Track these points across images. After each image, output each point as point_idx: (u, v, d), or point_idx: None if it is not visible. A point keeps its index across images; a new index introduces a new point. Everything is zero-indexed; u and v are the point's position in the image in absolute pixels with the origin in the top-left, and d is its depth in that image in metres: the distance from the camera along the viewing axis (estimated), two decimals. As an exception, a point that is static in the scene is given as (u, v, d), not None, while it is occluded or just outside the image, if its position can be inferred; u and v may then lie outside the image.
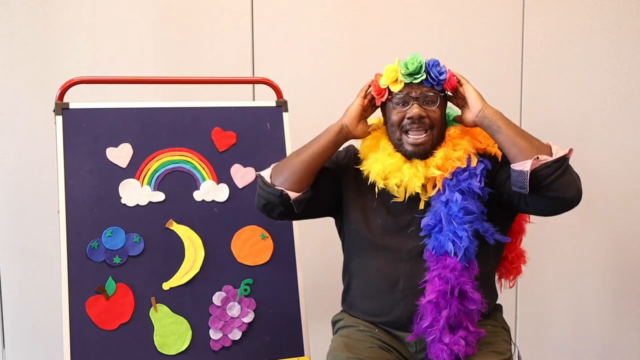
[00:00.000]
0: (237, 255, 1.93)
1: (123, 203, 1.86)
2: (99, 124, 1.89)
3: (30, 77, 2.40)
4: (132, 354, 1.80)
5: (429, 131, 1.69)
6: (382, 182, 1.71)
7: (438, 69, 1.70)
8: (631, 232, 2.76)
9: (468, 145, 1.71)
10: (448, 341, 1.61)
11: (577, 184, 1.60)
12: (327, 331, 1.96)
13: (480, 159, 1.71)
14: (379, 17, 2.57)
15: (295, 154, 1.73)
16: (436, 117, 1.70)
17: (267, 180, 1.71)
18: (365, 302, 1.78)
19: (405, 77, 1.68)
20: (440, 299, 1.62)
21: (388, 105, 1.74)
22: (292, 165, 1.70)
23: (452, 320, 1.62)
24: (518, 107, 2.67)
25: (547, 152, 1.57)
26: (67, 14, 2.41)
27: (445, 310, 1.61)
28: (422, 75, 1.68)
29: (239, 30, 2.51)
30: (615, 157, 2.72)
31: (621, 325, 2.81)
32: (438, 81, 1.69)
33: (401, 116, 1.70)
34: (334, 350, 1.76)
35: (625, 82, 2.69)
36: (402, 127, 1.70)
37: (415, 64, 1.67)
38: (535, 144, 1.59)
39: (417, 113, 1.67)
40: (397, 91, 1.70)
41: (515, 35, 2.65)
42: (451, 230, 1.64)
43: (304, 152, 1.71)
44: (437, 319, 1.62)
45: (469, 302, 1.63)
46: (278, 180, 1.70)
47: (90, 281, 1.80)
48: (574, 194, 1.59)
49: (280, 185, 1.69)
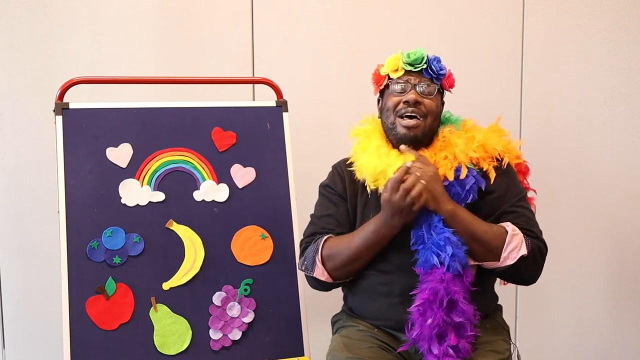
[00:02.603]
0: (237, 255, 1.93)
1: (123, 203, 1.86)
2: (99, 124, 1.89)
3: (30, 77, 2.40)
4: (132, 354, 1.80)
5: (422, 119, 1.71)
6: (373, 184, 1.71)
7: (439, 65, 1.73)
8: (631, 232, 2.76)
9: (461, 154, 1.70)
10: (437, 352, 1.59)
11: (533, 275, 1.69)
12: (327, 331, 1.96)
13: (472, 172, 1.69)
14: (379, 17, 2.57)
15: (349, 253, 1.71)
16: (432, 106, 1.72)
17: (324, 280, 1.75)
18: (364, 306, 1.79)
19: (406, 64, 1.71)
20: (426, 308, 1.61)
21: (386, 92, 1.77)
22: (353, 268, 1.74)
23: (437, 330, 1.59)
24: (518, 107, 2.67)
25: (497, 253, 1.63)
26: (67, 14, 2.40)
27: (430, 319, 1.59)
28: (422, 65, 1.71)
29: (239, 30, 2.51)
30: (615, 157, 2.72)
31: (621, 325, 2.81)
32: (438, 75, 1.72)
33: (398, 101, 1.72)
34: (333, 350, 1.76)
35: (625, 82, 2.69)
36: (397, 112, 1.72)
37: (417, 54, 1.71)
38: (491, 245, 1.62)
39: (414, 98, 1.69)
40: (396, 78, 1.72)
41: (515, 35, 2.64)
42: (433, 242, 1.62)
43: (359, 251, 1.70)
44: (422, 329, 1.60)
45: (456, 314, 1.60)
46: (340, 276, 1.76)
47: (90, 281, 1.80)
48: (527, 282, 1.72)
49: (339, 280, 1.77)
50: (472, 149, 1.71)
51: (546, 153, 2.65)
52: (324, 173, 1.93)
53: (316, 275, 1.74)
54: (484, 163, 1.71)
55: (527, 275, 1.69)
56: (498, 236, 1.62)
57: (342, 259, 1.70)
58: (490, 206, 1.70)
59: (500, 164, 1.73)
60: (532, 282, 1.72)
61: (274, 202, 1.98)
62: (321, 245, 1.73)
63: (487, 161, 1.72)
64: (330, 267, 1.72)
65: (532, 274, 1.69)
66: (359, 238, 1.69)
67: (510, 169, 1.77)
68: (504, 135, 1.80)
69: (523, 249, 1.61)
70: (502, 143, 1.76)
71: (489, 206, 1.70)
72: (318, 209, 1.86)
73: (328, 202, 1.83)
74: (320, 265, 1.72)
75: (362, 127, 1.84)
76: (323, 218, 1.81)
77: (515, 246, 1.61)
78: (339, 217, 1.79)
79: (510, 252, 1.61)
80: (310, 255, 1.75)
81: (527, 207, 1.74)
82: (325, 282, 1.75)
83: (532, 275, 1.69)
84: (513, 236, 1.62)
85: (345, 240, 1.71)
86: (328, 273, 1.73)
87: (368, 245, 1.68)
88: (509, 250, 1.61)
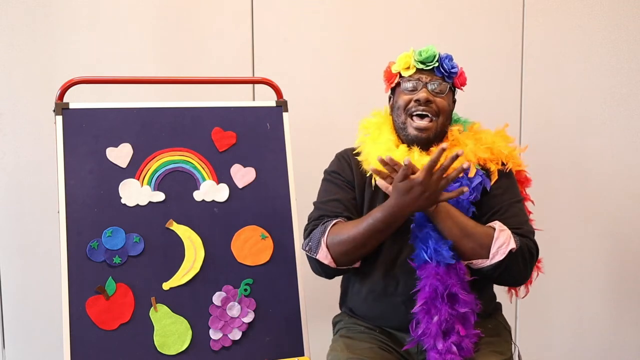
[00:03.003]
0: (237, 255, 1.93)
1: (123, 203, 1.86)
2: (99, 124, 1.89)
3: (30, 77, 2.40)
4: (132, 354, 1.80)
5: (434, 119, 1.70)
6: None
7: (451, 63, 1.72)
8: (631, 232, 2.76)
9: (470, 153, 1.71)
10: (441, 348, 1.59)
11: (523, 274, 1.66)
12: (327, 331, 1.96)
13: (479, 172, 1.70)
14: (379, 17, 2.57)
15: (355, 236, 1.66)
16: (443, 105, 1.71)
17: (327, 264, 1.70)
18: (365, 307, 1.79)
19: (418, 62, 1.70)
20: (430, 305, 1.61)
21: (397, 90, 1.76)
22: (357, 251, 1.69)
23: (445, 325, 1.60)
24: (518, 107, 2.67)
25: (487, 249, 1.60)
26: (67, 14, 2.41)
27: (437, 316, 1.60)
28: (434, 63, 1.70)
29: (239, 30, 2.51)
30: (615, 157, 2.72)
31: (621, 325, 2.81)
32: (449, 73, 1.71)
33: (409, 99, 1.71)
34: (334, 350, 1.76)
35: (625, 82, 2.69)
36: (408, 110, 1.71)
37: (429, 52, 1.70)
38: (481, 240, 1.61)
39: (425, 97, 1.68)
40: (408, 76, 1.71)
41: (515, 35, 2.65)
42: (421, 236, 1.64)
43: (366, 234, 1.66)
44: (429, 326, 1.61)
45: (460, 305, 1.60)
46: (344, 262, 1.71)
47: (90, 281, 1.80)
48: (518, 281, 1.70)
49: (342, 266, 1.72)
50: (481, 149, 1.72)
51: (546, 153, 2.65)
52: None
53: (319, 258, 1.69)
54: (491, 164, 1.72)
55: (517, 273, 1.64)
56: (486, 232, 1.62)
57: (348, 243, 1.65)
58: (486, 205, 1.70)
59: (503, 168, 1.74)
60: (523, 282, 1.71)
61: (274, 202, 1.98)
62: (329, 228, 1.69)
63: (493, 163, 1.73)
64: (335, 251, 1.67)
65: (522, 272, 1.65)
66: (366, 224, 1.63)
67: (512, 173, 1.77)
68: (509, 142, 1.80)
69: (512, 244, 1.59)
70: (508, 149, 1.77)
71: (486, 205, 1.70)
72: (323, 194, 1.81)
73: (335, 186, 1.79)
74: (325, 248, 1.68)
75: (373, 119, 1.83)
76: (330, 202, 1.76)
77: (504, 242, 1.60)
78: (346, 203, 1.75)
79: (499, 247, 1.60)
80: (316, 236, 1.71)
81: (520, 208, 1.73)
82: (328, 266, 1.70)
83: (522, 273, 1.65)
84: (501, 232, 1.61)
85: (352, 225, 1.67)
86: (332, 257, 1.68)
87: (374, 232, 1.62)
88: (498, 245, 1.60)
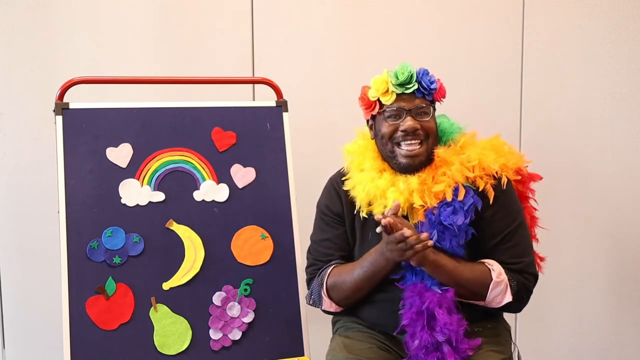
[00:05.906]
0: (237, 255, 1.93)
1: (123, 203, 1.86)
2: (99, 124, 1.89)
3: (30, 77, 2.40)
4: (132, 354, 1.80)
5: (424, 142, 1.67)
6: (367, 209, 1.71)
7: (429, 78, 1.66)
8: (631, 232, 2.75)
9: (457, 174, 1.65)
10: None
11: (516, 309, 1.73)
12: (327, 331, 1.96)
13: (470, 192, 1.65)
14: (379, 17, 2.57)
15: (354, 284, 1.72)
16: (430, 126, 1.68)
17: (334, 310, 1.81)
18: (364, 310, 1.79)
19: (397, 87, 1.64)
20: (414, 329, 1.62)
21: (378, 118, 1.71)
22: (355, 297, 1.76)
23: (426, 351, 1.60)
24: (518, 107, 2.67)
25: (483, 297, 1.66)
26: (67, 14, 2.40)
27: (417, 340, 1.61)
28: (413, 85, 1.64)
29: (239, 30, 2.51)
30: (615, 157, 2.71)
31: (621, 325, 2.81)
32: (429, 90, 1.66)
33: (393, 129, 1.66)
34: (333, 350, 1.76)
35: (625, 82, 2.69)
36: (394, 139, 1.67)
37: (405, 74, 1.63)
38: (475, 290, 1.65)
39: (412, 126, 1.64)
40: (389, 104, 1.66)
41: (515, 35, 2.64)
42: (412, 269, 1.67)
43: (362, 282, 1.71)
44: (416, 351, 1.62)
45: (439, 333, 1.59)
46: (348, 304, 1.79)
47: (90, 281, 1.80)
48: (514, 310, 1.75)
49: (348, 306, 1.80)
50: (468, 168, 1.67)
51: (546, 153, 2.65)
52: (324, 173, 1.93)
53: (325, 308, 1.80)
54: (481, 182, 1.66)
55: (511, 309, 1.73)
56: (481, 281, 1.64)
57: (347, 291, 1.73)
58: (487, 233, 1.68)
59: (498, 182, 1.68)
60: (518, 311, 1.77)
61: (274, 202, 1.98)
62: (325, 280, 1.76)
63: (485, 179, 1.67)
64: (337, 299, 1.77)
65: (516, 309, 1.73)
66: (360, 270, 1.70)
67: (510, 187, 1.72)
68: (503, 150, 1.74)
69: (508, 296, 1.64)
70: (499, 161, 1.69)
71: (486, 232, 1.68)
72: (317, 231, 1.87)
73: (325, 225, 1.83)
74: (327, 299, 1.78)
75: (355, 145, 1.81)
76: (322, 243, 1.83)
77: (500, 292, 1.64)
78: (337, 241, 1.81)
79: (494, 297, 1.65)
80: (316, 289, 1.80)
81: (521, 234, 1.70)
82: (335, 311, 1.82)
83: (516, 309, 1.74)
84: (497, 283, 1.63)
85: (346, 272, 1.73)
86: (336, 304, 1.78)
87: (368, 277, 1.69)
88: (493, 296, 1.65)
